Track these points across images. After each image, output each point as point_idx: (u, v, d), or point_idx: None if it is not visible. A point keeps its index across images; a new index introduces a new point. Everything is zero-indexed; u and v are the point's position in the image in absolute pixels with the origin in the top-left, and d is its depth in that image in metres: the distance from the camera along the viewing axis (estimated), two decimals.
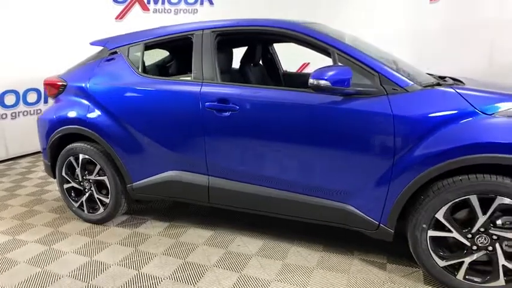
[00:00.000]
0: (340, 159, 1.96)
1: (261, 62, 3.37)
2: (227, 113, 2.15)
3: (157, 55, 3.44)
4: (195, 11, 6.33)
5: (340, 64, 1.94)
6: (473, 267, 1.85)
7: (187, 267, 2.20)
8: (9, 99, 4.70)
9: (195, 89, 2.26)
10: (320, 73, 1.83)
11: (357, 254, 2.27)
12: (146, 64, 3.08)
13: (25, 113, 4.82)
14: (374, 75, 1.90)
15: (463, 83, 2.08)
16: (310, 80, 1.84)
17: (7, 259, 2.34)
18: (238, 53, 3.11)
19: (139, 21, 5.84)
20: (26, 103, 4.85)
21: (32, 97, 4.88)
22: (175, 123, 2.33)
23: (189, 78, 2.36)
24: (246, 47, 3.07)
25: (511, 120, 1.67)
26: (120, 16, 5.87)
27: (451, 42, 4.75)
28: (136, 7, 6.00)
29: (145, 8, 6.06)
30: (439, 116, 1.76)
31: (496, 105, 1.72)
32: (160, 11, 6.17)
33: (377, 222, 1.96)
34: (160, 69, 3.13)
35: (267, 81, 3.16)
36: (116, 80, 2.56)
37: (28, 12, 4.69)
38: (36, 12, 4.76)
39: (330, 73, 1.81)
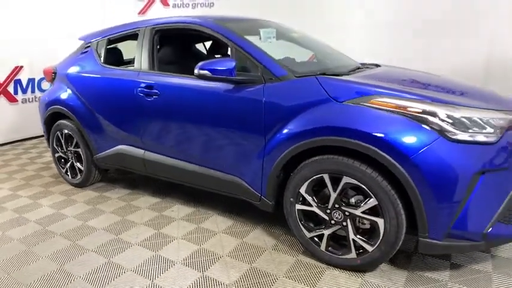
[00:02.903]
0: (228, 138, 2.26)
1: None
2: (152, 98, 2.57)
3: None
4: (212, 4, 6.75)
5: (226, 57, 2.22)
6: (337, 241, 2.05)
7: (122, 223, 2.69)
8: (45, 85, 5.62)
9: (133, 77, 2.71)
10: (203, 64, 2.14)
11: (263, 225, 2.56)
12: (131, 56, 3.60)
13: None
14: (258, 65, 2.16)
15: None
16: (195, 71, 2.16)
17: (1, 207, 3.06)
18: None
19: (160, 15, 6.45)
20: None
21: None
22: (121, 106, 2.81)
23: (133, 68, 2.81)
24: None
25: (357, 108, 1.83)
26: (143, 11, 6.53)
27: (445, 35, 4.56)
28: (157, 2, 6.62)
29: (165, 3, 6.65)
30: (300, 102, 1.98)
31: (348, 93, 1.89)
32: (179, 5, 6.70)
33: (259, 194, 2.24)
34: None
35: None
36: (85, 69, 3.11)
37: (60, 10, 5.54)
38: (67, 10, 5.60)
39: (211, 64, 2.12)
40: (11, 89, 5.25)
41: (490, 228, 1.76)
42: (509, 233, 1.81)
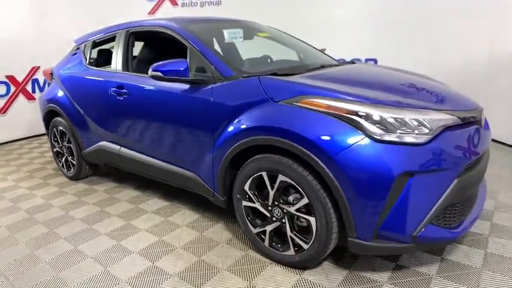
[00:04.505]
0: (186, 136, 2.37)
1: None
2: (122, 97, 2.72)
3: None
4: (219, 2, 6.87)
5: (182, 58, 2.31)
6: (281, 238, 2.10)
7: (98, 213, 2.89)
8: None
9: (109, 77, 2.88)
10: (156, 65, 2.24)
11: (225, 221, 2.65)
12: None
13: None
14: (209, 66, 2.24)
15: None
16: (149, 72, 2.27)
17: (0, 197, 3.37)
18: None
19: (169, 15, 6.66)
20: None
21: None
22: (99, 104, 3.00)
23: (109, 69, 2.98)
24: None
25: (288, 107, 1.86)
26: (152, 11, 6.77)
27: (446, 31, 4.38)
28: (167, 2, 6.83)
29: (174, 3, 6.84)
30: (243, 102, 2.04)
31: (283, 93, 1.92)
32: (187, 4, 6.87)
33: (212, 190, 2.32)
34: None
35: None
36: (73, 70, 3.34)
37: (74, 12, 5.88)
38: (81, 12, 5.93)
39: (164, 65, 2.22)
40: (29, 87, 5.67)
41: (422, 230, 1.74)
42: (441, 236, 1.79)
